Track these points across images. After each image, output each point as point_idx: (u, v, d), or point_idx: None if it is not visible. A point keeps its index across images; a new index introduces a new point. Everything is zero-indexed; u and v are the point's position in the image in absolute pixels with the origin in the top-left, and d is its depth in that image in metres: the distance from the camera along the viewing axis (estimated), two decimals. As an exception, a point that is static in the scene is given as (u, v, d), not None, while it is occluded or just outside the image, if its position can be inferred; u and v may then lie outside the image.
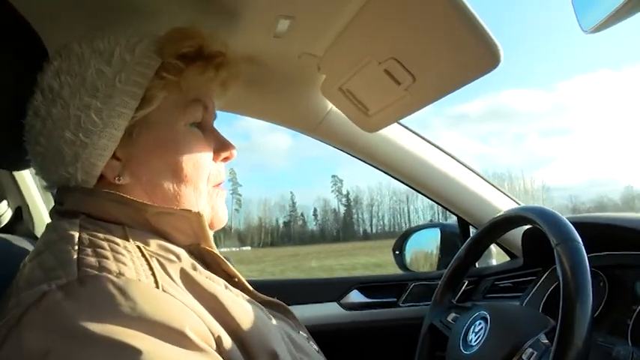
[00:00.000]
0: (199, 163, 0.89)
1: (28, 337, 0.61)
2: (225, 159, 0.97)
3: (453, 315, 1.25)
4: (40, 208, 1.93)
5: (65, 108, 0.81)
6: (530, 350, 0.95)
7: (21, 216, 1.81)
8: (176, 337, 0.64)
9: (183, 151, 0.87)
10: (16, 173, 1.88)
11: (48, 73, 0.84)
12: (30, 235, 1.64)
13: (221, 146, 0.95)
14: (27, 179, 1.92)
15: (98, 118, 0.81)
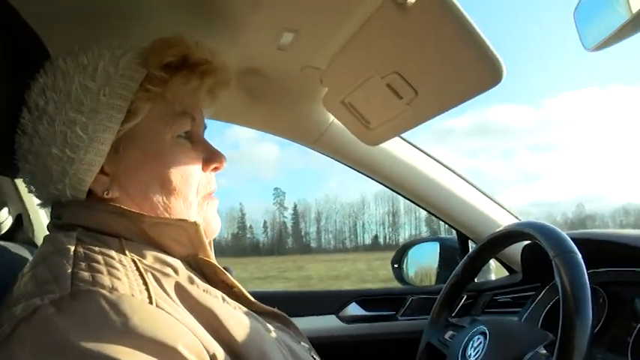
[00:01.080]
0: (187, 174, 0.89)
1: (18, 352, 0.61)
2: (215, 169, 0.96)
3: (450, 333, 1.25)
4: (41, 216, 1.93)
5: (51, 124, 0.81)
6: None
7: (21, 223, 1.80)
8: (168, 353, 0.63)
9: (170, 164, 0.87)
10: (17, 180, 1.88)
11: (34, 90, 0.84)
12: (30, 243, 1.63)
13: (210, 156, 0.95)
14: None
15: (84, 133, 0.80)
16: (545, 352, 0.97)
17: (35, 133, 0.82)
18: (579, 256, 0.94)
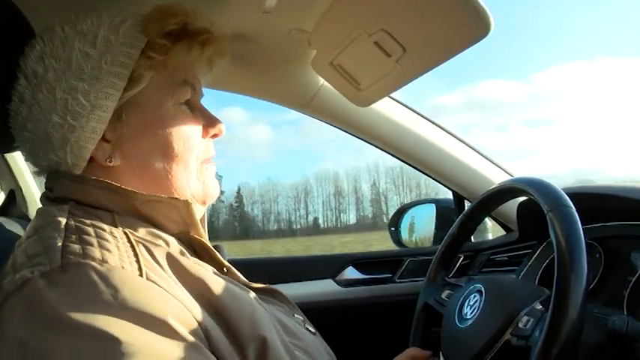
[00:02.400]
0: (189, 140, 0.89)
1: (7, 324, 0.61)
2: (214, 135, 0.97)
3: (447, 292, 1.25)
4: (34, 191, 1.93)
5: (51, 92, 0.80)
6: (526, 318, 0.95)
7: (14, 198, 1.80)
8: (158, 325, 0.63)
9: (172, 130, 0.87)
10: (8, 156, 1.87)
11: (31, 58, 0.83)
12: (24, 218, 1.63)
13: (209, 123, 0.95)
14: (20, 162, 1.91)
15: (85, 101, 0.80)
16: (540, 307, 0.96)
17: (34, 101, 0.82)
18: (574, 209, 0.93)
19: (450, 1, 0.92)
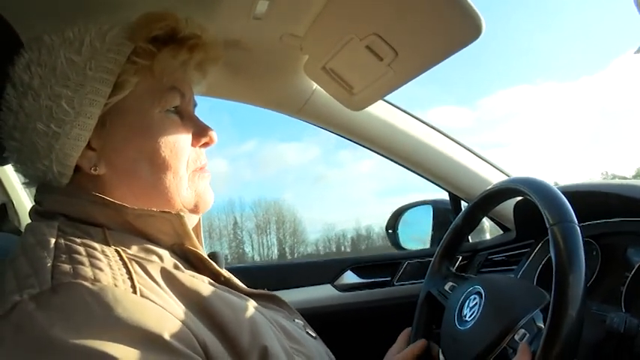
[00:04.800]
0: (177, 148, 0.87)
1: None
2: (205, 144, 0.95)
3: (450, 284, 1.23)
4: (26, 205, 1.92)
5: (36, 99, 0.79)
6: (522, 331, 0.94)
7: (6, 212, 1.78)
8: (153, 342, 0.63)
9: (158, 138, 0.85)
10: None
11: (19, 66, 0.82)
12: (16, 232, 1.61)
13: (200, 131, 0.93)
14: (11, 175, 1.90)
15: (70, 107, 0.79)
16: (540, 323, 0.95)
17: (20, 109, 0.81)
18: (576, 224, 0.91)
19: (440, 4, 0.92)
